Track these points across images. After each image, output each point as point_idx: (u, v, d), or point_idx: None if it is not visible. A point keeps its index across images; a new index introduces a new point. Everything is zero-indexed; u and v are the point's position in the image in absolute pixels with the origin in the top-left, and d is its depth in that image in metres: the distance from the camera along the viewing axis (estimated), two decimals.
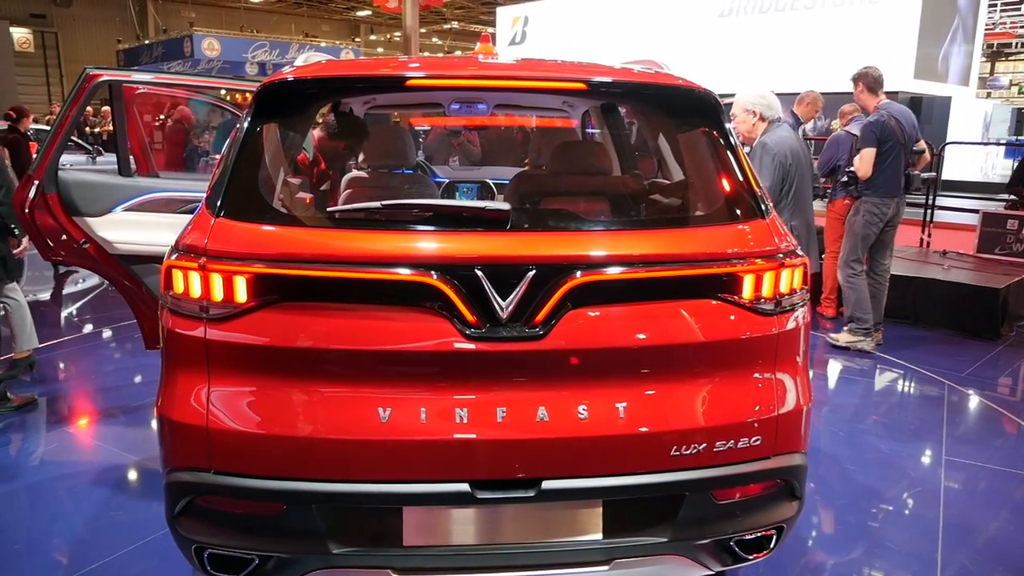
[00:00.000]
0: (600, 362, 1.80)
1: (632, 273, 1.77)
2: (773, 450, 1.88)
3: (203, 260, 1.73)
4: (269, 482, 1.73)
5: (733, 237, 1.88)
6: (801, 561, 2.70)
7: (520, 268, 1.73)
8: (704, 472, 1.81)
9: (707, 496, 1.84)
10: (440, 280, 1.70)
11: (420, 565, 1.79)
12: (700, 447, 1.80)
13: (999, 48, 30.25)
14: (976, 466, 3.56)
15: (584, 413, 1.77)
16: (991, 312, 5.61)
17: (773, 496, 1.93)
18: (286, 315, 1.73)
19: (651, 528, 1.84)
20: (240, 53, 23.70)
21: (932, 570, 2.65)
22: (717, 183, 2.03)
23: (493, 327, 1.72)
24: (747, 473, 1.86)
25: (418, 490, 1.74)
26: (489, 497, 1.74)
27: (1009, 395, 4.69)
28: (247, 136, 1.92)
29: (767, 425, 1.87)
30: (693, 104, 2.09)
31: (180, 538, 1.83)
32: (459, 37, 35.48)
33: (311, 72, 2.11)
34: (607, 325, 1.78)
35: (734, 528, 1.88)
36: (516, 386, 1.77)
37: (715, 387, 1.86)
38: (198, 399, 1.77)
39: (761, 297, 1.86)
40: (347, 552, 1.76)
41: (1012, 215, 6.75)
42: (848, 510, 3.08)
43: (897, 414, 4.30)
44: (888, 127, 4.93)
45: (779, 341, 1.90)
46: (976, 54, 16.63)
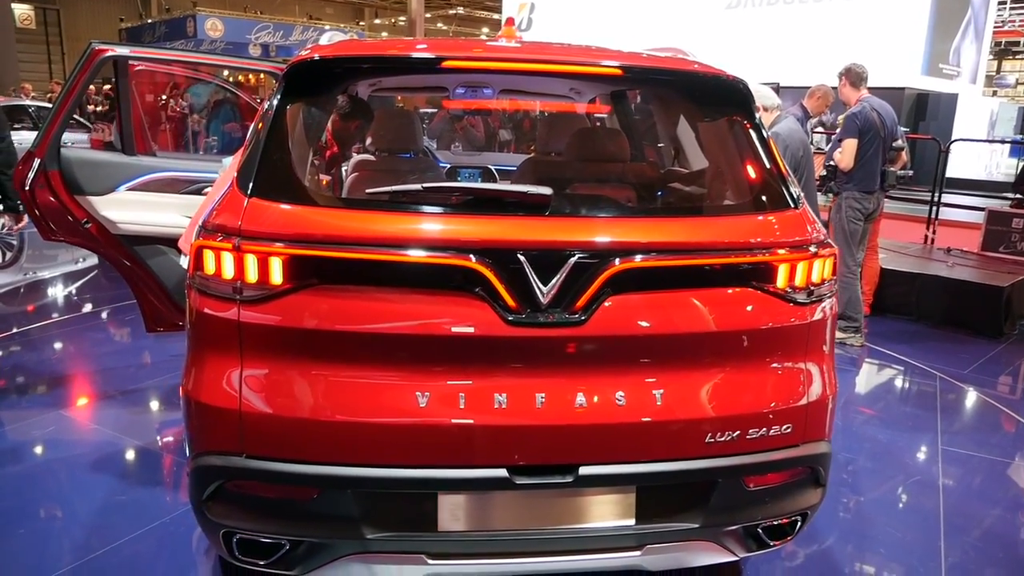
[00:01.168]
0: (638, 349, 1.80)
1: (672, 260, 1.78)
2: (802, 438, 1.90)
3: (237, 240, 1.69)
4: (305, 467, 1.71)
5: (770, 226, 1.89)
6: (807, 548, 2.70)
7: (562, 253, 1.72)
8: (737, 459, 1.83)
9: (739, 483, 1.86)
10: (483, 264, 1.68)
11: (454, 550, 1.79)
12: (734, 434, 1.81)
13: (1007, 46, 30.11)
14: (975, 457, 3.55)
15: (621, 399, 1.77)
16: (994, 310, 5.59)
17: (800, 483, 1.96)
18: (323, 298, 1.70)
19: (683, 514, 1.85)
20: (243, 34, 23.54)
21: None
22: (752, 172, 2.03)
23: (533, 312, 1.71)
24: (778, 460, 1.88)
25: (456, 475, 1.73)
26: (527, 483, 1.73)
27: (1009, 393, 4.68)
28: (278, 114, 1.88)
29: (797, 413, 1.89)
30: (727, 93, 2.08)
31: (208, 523, 1.79)
32: (464, 22, 35.27)
33: (346, 50, 2.07)
34: (645, 312, 1.78)
35: (763, 514, 1.90)
36: (555, 372, 1.76)
37: (749, 374, 1.88)
38: (230, 382, 1.73)
39: (795, 286, 1.87)
40: (381, 537, 1.75)
41: (1017, 213, 6.72)
42: (851, 496, 3.08)
43: (897, 410, 4.29)
44: (870, 119, 4.97)
45: (810, 330, 1.92)
46: (984, 52, 16.54)
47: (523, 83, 3.60)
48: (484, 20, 34.33)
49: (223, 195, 1.85)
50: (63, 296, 6.11)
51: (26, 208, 3.44)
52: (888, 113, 5.08)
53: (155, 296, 3.65)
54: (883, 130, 4.99)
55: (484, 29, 34.79)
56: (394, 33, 34.51)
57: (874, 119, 4.97)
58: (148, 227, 3.54)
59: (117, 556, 2.52)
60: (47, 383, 4.11)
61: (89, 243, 3.55)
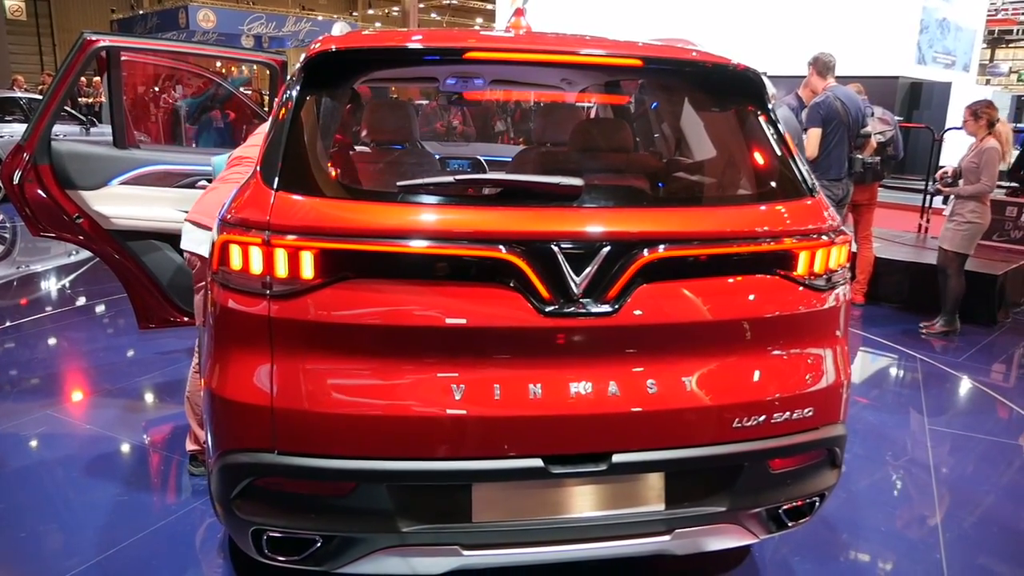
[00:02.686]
0: (668, 337, 1.83)
1: (700, 249, 1.81)
2: (822, 420, 1.95)
3: (267, 235, 1.67)
4: (341, 461, 1.70)
5: (791, 214, 1.93)
6: (811, 527, 2.71)
7: (595, 244, 1.74)
8: (763, 443, 1.87)
9: (764, 466, 1.90)
10: (518, 256, 1.69)
11: (488, 540, 1.80)
12: (760, 418, 1.85)
13: (1000, 35, 30.09)
14: (968, 441, 3.58)
15: (652, 386, 1.79)
16: (988, 298, 5.62)
17: (818, 465, 2.00)
18: (356, 291, 1.68)
19: (711, 498, 1.89)
20: (236, 25, 23.37)
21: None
22: (772, 162, 2.06)
23: (566, 303, 1.72)
24: (801, 443, 1.93)
25: (493, 466, 1.73)
26: (562, 472, 1.75)
27: (1003, 381, 4.71)
28: (299, 106, 1.85)
29: (817, 396, 1.94)
30: (747, 84, 2.11)
31: (236, 521, 1.77)
32: (457, 13, 35.07)
33: (369, 42, 2.05)
34: (675, 300, 1.81)
35: (785, 496, 1.95)
36: (588, 361, 1.78)
37: (773, 360, 1.92)
38: (261, 378, 1.71)
39: (814, 273, 1.92)
40: (416, 530, 1.75)
41: (1011, 202, 6.74)
42: (849, 478, 3.10)
43: (890, 398, 4.31)
44: (833, 108, 5.09)
45: (828, 316, 1.98)
46: (977, 40, 16.53)
47: (542, 74, 3.55)
48: (478, 10, 34.14)
49: (246, 189, 1.82)
50: (56, 290, 6.08)
51: (14, 203, 3.37)
52: (853, 102, 5.20)
53: (148, 292, 3.61)
54: (847, 118, 5.12)
55: (478, 20, 34.60)
56: (387, 24, 34.30)
57: (837, 108, 5.09)
58: (142, 222, 3.51)
59: (124, 558, 2.48)
60: (38, 379, 4.08)
61: (79, 238, 3.50)
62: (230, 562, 2.46)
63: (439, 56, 2.23)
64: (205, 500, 2.79)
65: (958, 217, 5.12)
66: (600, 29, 2.66)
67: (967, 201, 5.08)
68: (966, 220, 5.07)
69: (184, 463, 3.05)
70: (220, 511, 1.82)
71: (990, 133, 5.03)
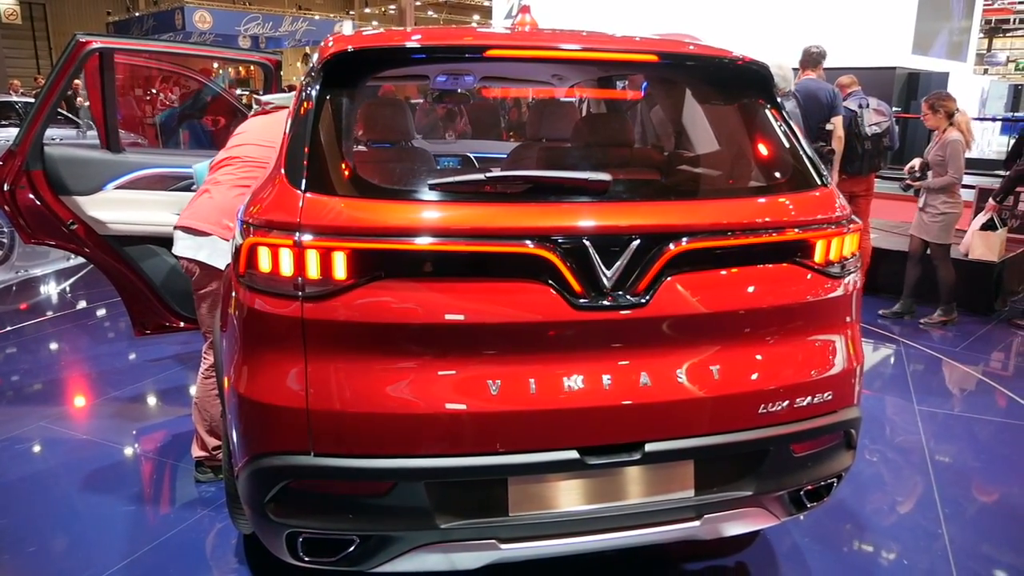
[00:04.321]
0: (696, 326, 1.87)
1: (726, 240, 1.85)
2: (840, 404, 2.01)
3: (298, 236, 1.66)
4: (379, 461, 1.70)
5: (809, 204, 1.99)
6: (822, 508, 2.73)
7: (625, 237, 1.77)
8: (787, 427, 1.92)
9: (787, 450, 1.94)
10: (550, 251, 1.71)
11: (525, 533, 1.81)
12: (784, 404, 1.90)
13: (997, 24, 30.03)
14: (965, 425, 3.60)
15: (682, 376, 1.83)
16: (986, 288, 5.62)
17: (836, 448, 2.05)
18: (390, 291, 1.68)
19: (737, 482, 1.93)
20: (232, 26, 23.35)
21: None
22: (785, 154, 2.11)
23: (597, 296, 1.74)
24: (821, 427, 1.97)
25: (530, 459, 1.75)
26: (597, 463, 1.77)
27: (1001, 369, 4.72)
28: (320, 106, 1.85)
29: (835, 381, 1.99)
30: (756, 79, 2.16)
31: (270, 525, 1.76)
32: (455, 11, 35.02)
33: (389, 41, 2.06)
34: (702, 290, 1.84)
35: (807, 479, 2.00)
36: (620, 353, 1.81)
37: (794, 346, 1.97)
38: (295, 380, 1.70)
39: (831, 260, 1.97)
40: (454, 525, 1.76)
41: None
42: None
43: (891, 386, 4.32)
44: (786, 99, 5.15)
45: (844, 302, 2.03)
46: (974, 30, 16.49)
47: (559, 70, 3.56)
48: (475, 7, 34.09)
49: (267, 190, 1.82)
50: (54, 294, 6.09)
51: (5, 210, 3.31)
52: (815, 97, 5.31)
53: (144, 297, 3.59)
54: (804, 111, 5.20)
55: (475, 17, 34.55)
56: (384, 22, 34.25)
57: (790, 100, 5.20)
58: (138, 226, 3.49)
59: (137, 570, 2.46)
60: (36, 386, 4.07)
61: (72, 245, 3.44)
62: (247, 567, 2.45)
63: (464, 54, 2.25)
64: (215, 507, 2.79)
65: (931, 209, 5.15)
66: (599, 26, 2.66)
67: (938, 193, 5.10)
68: (940, 212, 5.11)
69: (189, 470, 3.01)
70: (251, 515, 1.81)
71: (951, 124, 5.03)
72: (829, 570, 2.53)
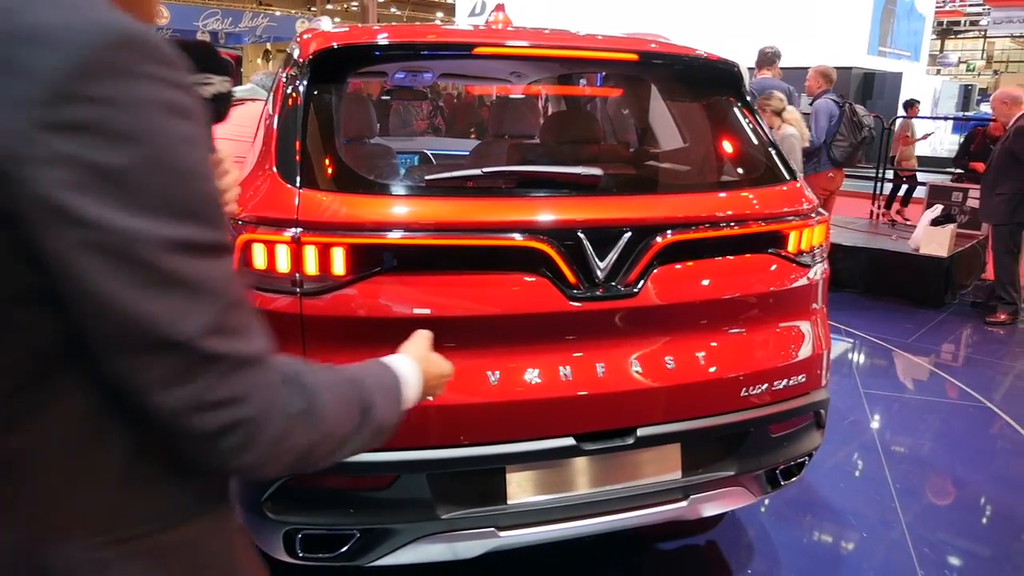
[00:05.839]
0: (683, 315, 1.96)
1: (711, 232, 1.94)
2: (811, 386, 2.12)
3: (296, 233, 1.65)
4: (382, 454, 1.69)
5: (782, 196, 2.10)
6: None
7: (617, 230, 1.83)
8: (767, 409, 2.02)
9: (766, 430, 2.04)
10: (546, 243, 1.75)
11: (523, 520, 1.85)
12: (763, 387, 2.00)
13: (948, 26, 30.92)
14: (911, 411, 3.72)
15: (671, 362, 1.91)
16: (936, 281, 5.79)
17: (808, 428, 2.17)
18: (386, 285, 1.69)
19: (721, 463, 2.02)
20: (191, 21, 22.91)
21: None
22: (758, 149, 2.23)
23: (590, 287, 1.80)
24: (796, 408, 2.08)
25: (529, 448, 1.79)
26: (592, 448, 1.83)
27: (952, 360, 4.88)
28: (308, 102, 1.85)
29: (808, 363, 2.11)
30: (727, 77, 2.28)
31: (267, 523, 1.74)
32: (418, 7, 34.86)
33: (374, 37, 2.07)
34: (687, 280, 1.93)
35: (783, 458, 2.10)
36: (612, 341, 1.88)
37: (773, 331, 2.09)
38: None
39: (803, 250, 2.09)
40: (454, 516, 1.78)
41: (956, 187, 6.95)
42: None
43: (844, 378, 4.43)
44: None
45: (815, 288, 2.16)
46: (927, 31, 16.96)
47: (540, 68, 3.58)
48: (438, 4, 33.98)
49: (256, 185, 1.80)
50: None
51: None
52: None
53: None
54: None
55: (438, 14, 34.45)
56: (347, 19, 33.94)
57: None
58: None
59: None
60: None
61: None
62: None
63: (449, 51, 2.29)
64: None
65: None
66: (568, 24, 2.70)
67: None
68: None
69: None
70: (246, 515, 1.79)
71: (783, 121, 5.16)
72: (792, 542, 2.61)
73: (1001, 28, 24.82)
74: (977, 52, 35.32)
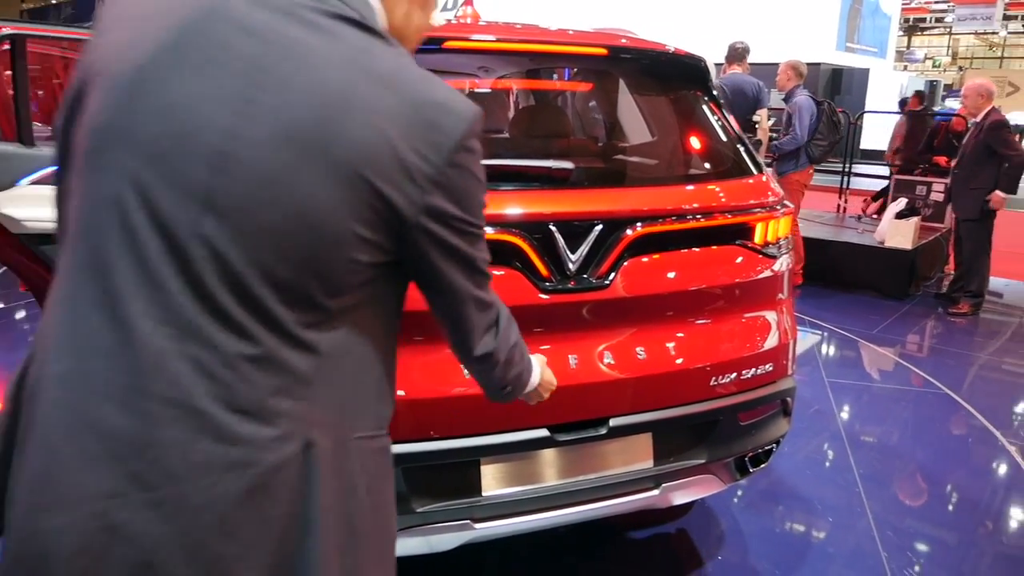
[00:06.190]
0: (653, 306, 1.99)
1: (681, 224, 1.98)
2: (778, 375, 2.16)
3: None
4: None
5: (749, 189, 2.14)
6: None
7: (588, 223, 1.86)
8: (735, 398, 2.06)
9: (735, 419, 2.08)
10: (519, 237, 1.78)
11: (498, 512, 1.86)
12: (732, 376, 2.04)
13: (915, 22, 31.44)
14: (876, 400, 3.80)
15: (642, 353, 1.94)
16: (900, 273, 5.91)
17: (775, 415, 2.22)
18: None
19: (691, 451, 2.06)
20: None
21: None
22: (726, 143, 2.27)
23: (562, 280, 1.83)
24: (764, 396, 2.13)
25: (503, 440, 1.81)
26: (567, 439, 1.86)
27: (917, 351, 4.99)
28: None
29: (776, 353, 2.15)
30: (694, 71, 2.31)
31: None
32: None
33: None
34: (657, 272, 1.97)
35: (751, 445, 2.15)
36: (584, 333, 1.91)
37: (741, 322, 2.13)
38: None
39: (769, 242, 2.14)
40: (430, 509, 1.79)
41: (920, 181, 7.09)
42: None
43: (813, 370, 4.51)
44: None
45: (781, 279, 2.21)
46: (893, 27, 17.24)
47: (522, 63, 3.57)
48: None
49: None
50: None
51: None
52: (741, 90, 5.52)
53: None
54: (731, 104, 5.34)
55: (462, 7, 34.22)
56: None
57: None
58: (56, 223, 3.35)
59: None
60: None
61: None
62: None
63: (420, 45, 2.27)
64: None
65: None
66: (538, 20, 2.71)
67: None
68: None
69: None
70: None
71: None
72: (760, 529, 2.66)
73: (965, 25, 25.32)
74: (943, 48, 35.96)
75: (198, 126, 0.83)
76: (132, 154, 0.83)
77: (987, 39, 34.88)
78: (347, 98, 0.84)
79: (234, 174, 0.83)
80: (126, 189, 0.83)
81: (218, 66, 0.84)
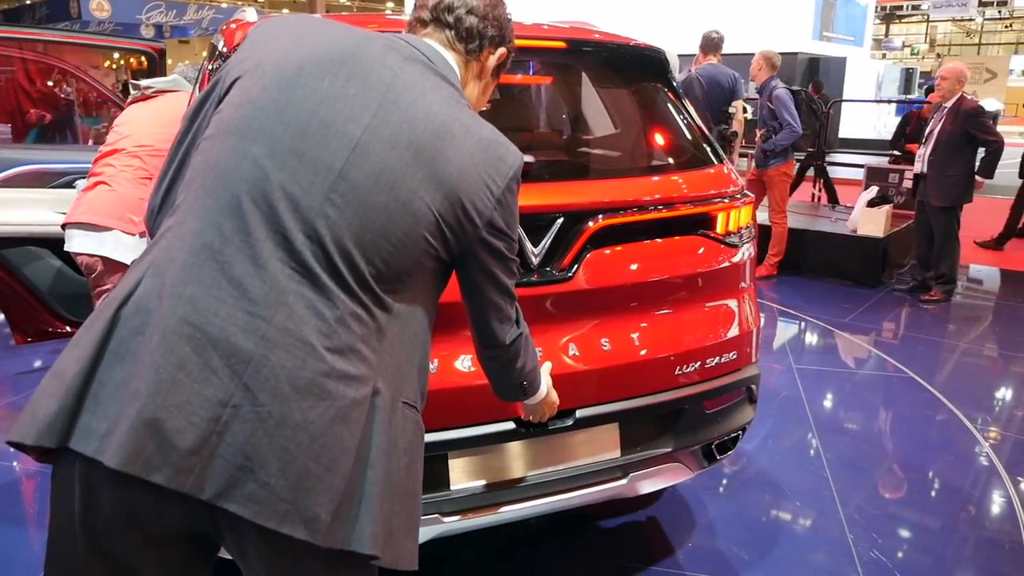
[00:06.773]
0: (617, 297, 2.00)
1: (642, 216, 2.00)
2: (743, 363, 2.20)
3: None
4: None
5: (710, 180, 2.17)
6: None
7: (550, 216, 1.89)
8: (700, 387, 2.09)
9: (700, 407, 2.11)
10: None
11: (466, 506, 1.87)
12: (696, 365, 2.07)
13: (892, 11, 31.64)
14: (845, 387, 3.85)
15: (607, 344, 1.96)
16: (873, 261, 5.96)
17: (741, 403, 2.26)
18: None
19: (658, 440, 2.09)
20: (133, 14, 22.23)
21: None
22: (689, 135, 2.30)
23: (525, 272, 1.84)
24: (729, 384, 2.16)
25: (470, 433, 1.82)
26: (533, 431, 1.87)
27: (892, 338, 5.05)
28: None
29: (740, 341, 2.18)
30: (654, 63, 2.34)
31: None
32: None
33: None
34: (620, 263, 1.99)
35: (717, 433, 2.18)
36: (549, 325, 1.92)
37: (704, 311, 2.15)
38: None
39: (730, 231, 2.16)
40: None
41: (893, 169, 7.15)
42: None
43: (783, 358, 4.56)
44: (689, 84, 5.43)
45: (742, 268, 2.24)
46: (869, 16, 17.35)
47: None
48: None
49: None
50: None
51: None
52: (716, 81, 5.51)
53: (25, 303, 3.41)
54: (704, 95, 5.43)
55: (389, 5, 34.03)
56: (294, 8, 33.29)
57: (694, 84, 5.44)
58: (16, 227, 3.31)
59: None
60: None
61: None
62: None
63: None
64: None
65: None
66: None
67: None
68: None
69: None
70: None
71: None
72: (730, 515, 2.70)
73: (942, 12, 25.52)
74: (921, 36, 36.23)
75: (344, 118, 1.09)
76: (284, 128, 1.07)
77: (964, 26, 35.16)
78: (449, 128, 1.15)
79: (362, 160, 1.09)
80: (269, 155, 1.06)
81: (361, 81, 1.12)
